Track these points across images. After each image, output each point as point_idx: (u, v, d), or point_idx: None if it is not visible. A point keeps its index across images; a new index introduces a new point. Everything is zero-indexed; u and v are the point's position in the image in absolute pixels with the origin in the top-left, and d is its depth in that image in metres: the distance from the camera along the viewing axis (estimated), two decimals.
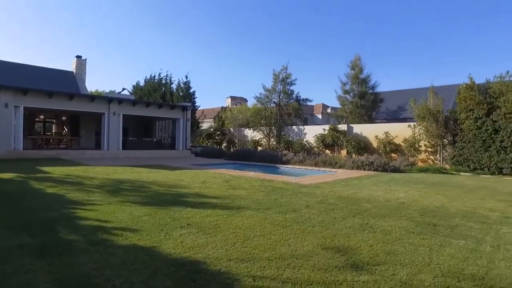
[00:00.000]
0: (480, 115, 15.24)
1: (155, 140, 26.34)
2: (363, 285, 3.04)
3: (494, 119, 14.86)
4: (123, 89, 31.62)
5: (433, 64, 58.75)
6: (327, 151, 21.52)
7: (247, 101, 37.69)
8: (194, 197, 7.38)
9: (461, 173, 15.05)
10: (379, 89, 26.20)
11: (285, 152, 21.10)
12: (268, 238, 4.41)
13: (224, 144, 28.71)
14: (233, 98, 43.15)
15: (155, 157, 21.28)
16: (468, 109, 15.73)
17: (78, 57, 29.49)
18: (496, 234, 4.85)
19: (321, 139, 21.58)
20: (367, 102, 25.33)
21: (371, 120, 25.38)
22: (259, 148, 25.24)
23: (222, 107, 38.19)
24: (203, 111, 35.35)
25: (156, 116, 24.33)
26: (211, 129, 29.85)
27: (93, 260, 3.45)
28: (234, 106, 33.24)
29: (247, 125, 26.87)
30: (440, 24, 53.39)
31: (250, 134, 26.73)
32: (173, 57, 73.36)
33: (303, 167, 17.00)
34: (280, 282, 3.05)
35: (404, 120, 21.22)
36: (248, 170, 14.45)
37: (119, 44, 73.25)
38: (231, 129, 28.57)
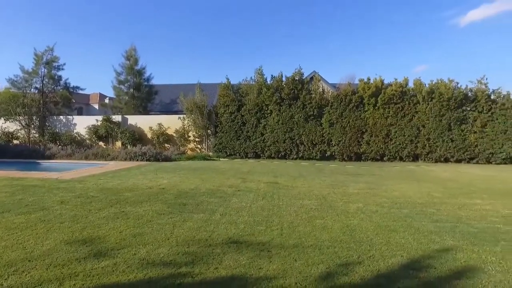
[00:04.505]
0: (233, 110, 18.55)
1: None
2: (102, 271, 3.14)
3: (242, 114, 18.47)
4: None
5: (202, 63, 65.40)
6: (101, 143, 20.26)
7: None
8: None
9: (220, 159, 17.79)
10: (154, 81, 26.91)
11: (50, 145, 18.29)
12: None
13: None
14: None
15: None
16: (225, 104, 18.75)
17: None
18: (228, 204, 6.12)
19: (94, 130, 20.07)
20: (142, 94, 25.46)
21: (146, 111, 25.69)
22: (15, 142, 20.57)
23: None
24: None
25: None
26: None
27: None
28: None
29: None
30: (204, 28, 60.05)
31: (1, 125, 21.26)
32: None
33: (72, 161, 15.56)
34: None
35: (176, 112, 22.67)
36: None
37: None
38: None
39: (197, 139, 19.77)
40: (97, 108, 40.18)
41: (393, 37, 56.15)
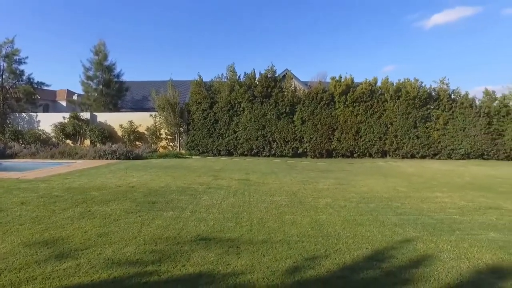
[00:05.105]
0: (206, 108, 18.39)
1: None
2: (63, 272, 3.04)
3: (215, 111, 18.36)
4: None
5: (174, 60, 64.18)
6: (68, 141, 19.45)
7: None
8: None
9: (193, 157, 17.59)
10: (124, 78, 26.10)
11: (12, 144, 17.37)
12: None
13: None
14: None
15: None
16: (197, 102, 18.56)
17: None
18: (198, 202, 6.08)
19: (61, 128, 19.21)
20: (112, 91, 24.67)
21: (116, 109, 24.92)
22: None
23: None
24: None
25: None
26: None
27: None
28: None
29: None
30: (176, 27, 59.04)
31: None
32: None
33: (36, 160, 14.89)
34: None
35: (148, 110, 22.18)
36: None
37: None
38: None
39: (169, 137, 19.44)
40: (65, 105, 38.48)
41: (363, 38, 57.76)
